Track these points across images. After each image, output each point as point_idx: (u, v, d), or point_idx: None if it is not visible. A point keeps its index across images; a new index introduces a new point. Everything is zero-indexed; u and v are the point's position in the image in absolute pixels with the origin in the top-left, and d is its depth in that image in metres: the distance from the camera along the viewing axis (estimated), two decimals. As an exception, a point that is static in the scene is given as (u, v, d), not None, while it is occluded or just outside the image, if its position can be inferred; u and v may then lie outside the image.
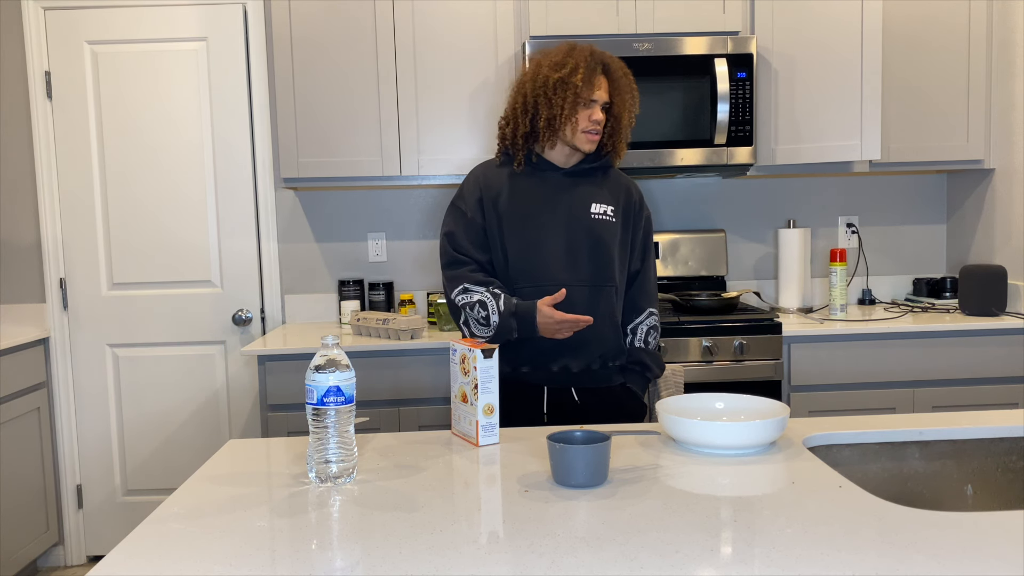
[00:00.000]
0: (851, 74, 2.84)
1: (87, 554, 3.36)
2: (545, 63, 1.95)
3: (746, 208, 3.38)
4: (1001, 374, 2.80)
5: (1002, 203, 3.08)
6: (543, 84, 1.93)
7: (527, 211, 1.95)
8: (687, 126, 2.87)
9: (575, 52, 1.94)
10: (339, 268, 3.33)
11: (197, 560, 1.03)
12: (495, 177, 2.00)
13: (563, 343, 1.92)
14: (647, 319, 2.04)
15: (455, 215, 2.00)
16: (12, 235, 3.27)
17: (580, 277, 1.93)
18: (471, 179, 2.03)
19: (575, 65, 1.91)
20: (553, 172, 2.00)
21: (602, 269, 1.95)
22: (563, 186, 1.98)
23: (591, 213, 1.97)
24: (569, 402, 1.96)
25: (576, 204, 1.98)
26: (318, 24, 2.88)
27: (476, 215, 1.97)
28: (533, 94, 1.94)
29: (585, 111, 1.92)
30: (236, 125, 3.24)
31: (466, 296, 1.93)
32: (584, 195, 1.99)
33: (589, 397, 1.97)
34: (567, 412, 1.96)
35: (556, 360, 1.94)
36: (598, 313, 1.95)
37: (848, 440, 1.51)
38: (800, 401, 2.77)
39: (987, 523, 1.08)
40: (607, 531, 1.08)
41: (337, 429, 1.30)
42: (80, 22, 3.19)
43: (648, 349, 2.04)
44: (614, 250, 1.98)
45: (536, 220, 1.95)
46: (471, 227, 1.97)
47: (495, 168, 2.03)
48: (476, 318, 1.91)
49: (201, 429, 3.32)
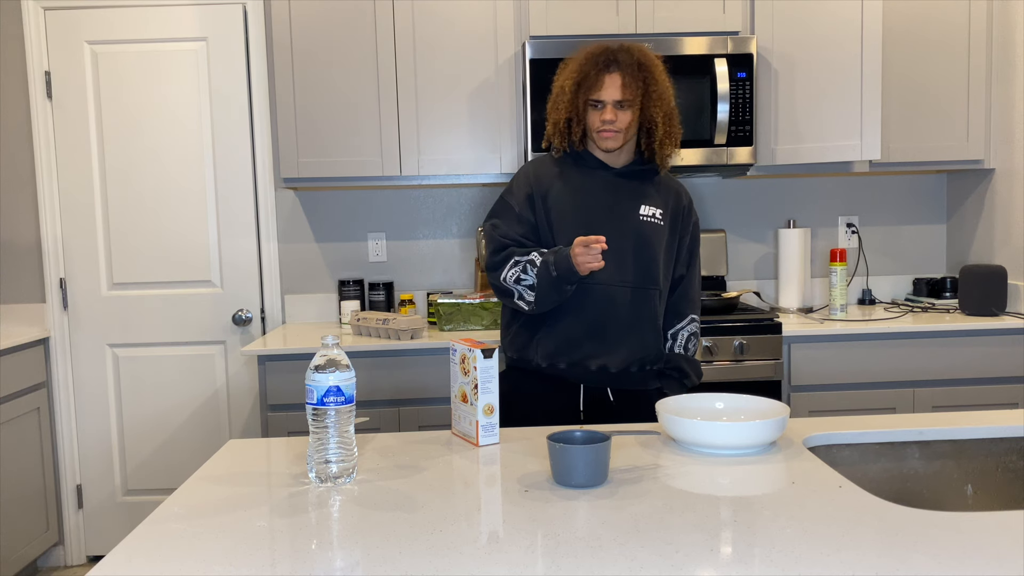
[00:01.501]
0: (851, 74, 2.84)
1: (87, 554, 3.36)
2: (560, 69, 1.99)
3: (746, 208, 3.38)
4: (1001, 374, 2.80)
5: (1002, 203, 3.08)
6: (555, 91, 1.99)
7: (576, 207, 1.94)
8: (687, 126, 2.87)
9: (581, 55, 1.95)
10: (339, 268, 3.33)
11: (197, 560, 1.03)
12: (546, 172, 2.00)
13: (602, 343, 1.91)
14: (688, 325, 2.04)
15: (503, 208, 2.00)
16: (12, 235, 3.27)
17: (624, 278, 1.92)
18: (522, 175, 2.02)
19: (573, 69, 1.93)
20: (604, 171, 1.98)
21: (647, 271, 1.94)
22: (613, 185, 1.97)
23: (639, 215, 1.95)
24: (604, 402, 1.97)
25: (625, 204, 1.96)
26: (318, 24, 2.88)
27: (525, 210, 1.96)
28: (552, 100, 1.99)
29: (596, 113, 1.92)
30: (236, 125, 3.24)
31: (515, 267, 1.90)
32: (633, 196, 1.97)
33: (625, 399, 1.97)
34: (601, 412, 1.96)
35: (595, 358, 1.92)
36: (640, 316, 1.94)
37: (848, 440, 1.51)
38: (800, 401, 2.77)
39: (987, 523, 1.08)
40: (607, 531, 1.08)
41: (337, 429, 1.30)
42: (80, 22, 3.19)
43: (688, 356, 2.03)
44: (660, 253, 1.96)
45: (584, 217, 1.93)
46: (520, 221, 1.97)
47: (547, 163, 2.02)
48: (529, 283, 1.88)
49: (201, 429, 3.32)
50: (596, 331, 1.92)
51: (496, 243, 1.96)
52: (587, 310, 1.91)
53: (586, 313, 1.91)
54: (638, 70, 1.91)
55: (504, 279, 1.92)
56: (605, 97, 1.90)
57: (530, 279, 1.88)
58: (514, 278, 1.90)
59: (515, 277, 1.90)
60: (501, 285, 1.94)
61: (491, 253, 1.97)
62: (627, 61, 1.92)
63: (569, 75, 1.95)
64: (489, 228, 1.99)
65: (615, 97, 1.90)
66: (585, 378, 1.94)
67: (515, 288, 1.91)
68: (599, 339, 1.92)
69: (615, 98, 1.90)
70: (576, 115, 1.94)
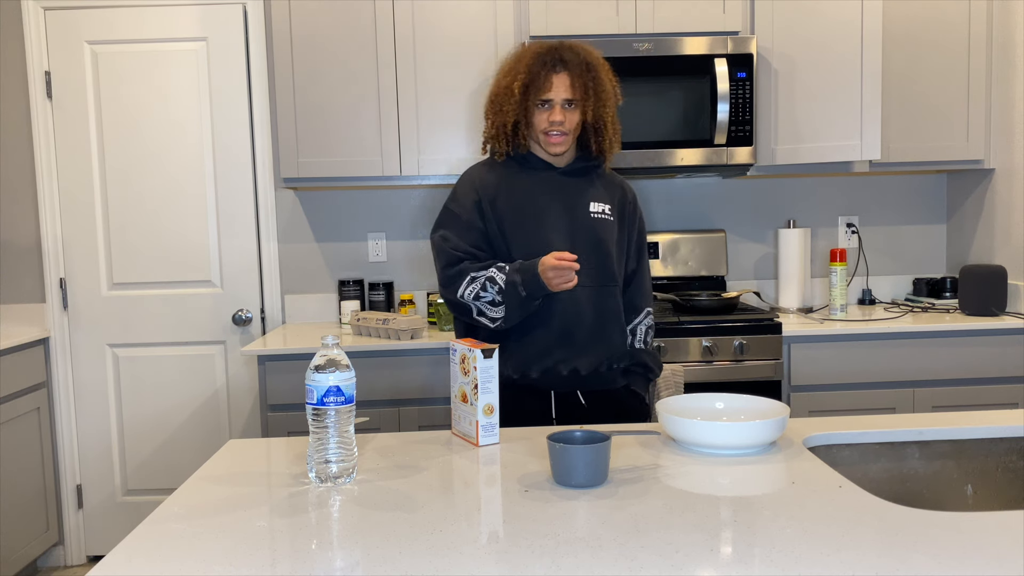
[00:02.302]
0: (851, 74, 2.84)
1: (87, 554, 3.36)
2: (500, 69, 1.95)
3: (746, 208, 3.38)
4: (1001, 374, 2.80)
5: (1002, 203, 3.08)
6: (495, 92, 1.94)
7: (528, 210, 1.91)
8: (687, 126, 2.87)
9: (523, 55, 1.91)
10: (339, 268, 3.33)
11: (197, 560, 1.03)
12: (491, 177, 1.95)
13: (572, 347, 1.89)
14: (645, 319, 2.04)
15: (450, 218, 1.94)
16: (12, 235, 3.27)
17: (584, 278, 1.90)
18: (465, 181, 1.97)
19: (519, 70, 1.89)
20: (549, 171, 1.96)
21: (606, 269, 1.94)
22: (559, 184, 1.95)
23: (590, 212, 1.95)
24: (576, 405, 1.94)
25: (575, 203, 1.95)
26: (318, 24, 2.88)
27: (474, 218, 1.91)
28: (492, 101, 1.95)
29: (543, 114, 1.88)
30: (236, 125, 3.24)
31: (473, 284, 1.85)
32: (581, 194, 1.96)
33: (595, 400, 1.96)
34: (574, 416, 1.94)
35: (566, 363, 1.90)
36: (604, 314, 1.93)
37: (848, 440, 1.51)
38: (800, 401, 2.77)
39: (987, 523, 1.08)
40: (607, 531, 1.08)
41: (337, 429, 1.30)
42: (80, 22, 3.19)
43: (648, 350, 2.04)
44: (613, 249, 1.96)
45: (539, 219, 1.90)
46: (470, 230, 1.91)
47: (489, 168, 1.98)
48: (489, 299, 1.84)
49: (201, 429, 3.32)
50: (565, 337, 1.89)
51: (448, 256, 1.90)
52: (554, 317, 1.88)
53: (554, 320, 1.88)
54: (586, 70, 1.89)
55: (461, 296, 1.87)
56: (554, 97, 1.87)
57: (490, 295, 1.83)
58: (472, 295, 1.85)
59: (473, 294, 1.85)
60: (458, 301, 1.88)
61: (443, 267, 1.91)
62: (574, 60, 1.89)
63: (514, 75, 1.89)
64: (439, 240, 1.93)
65: (564, 96, 1.87)
66: (556, 384, 1.91)
67: (474, 304, 1.86)
68: (568, 344, 1.89)
69: (564, 97, 1.87)
70: (525, 117, 1.90)
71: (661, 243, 3.24)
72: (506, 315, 1.84)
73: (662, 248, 3.24)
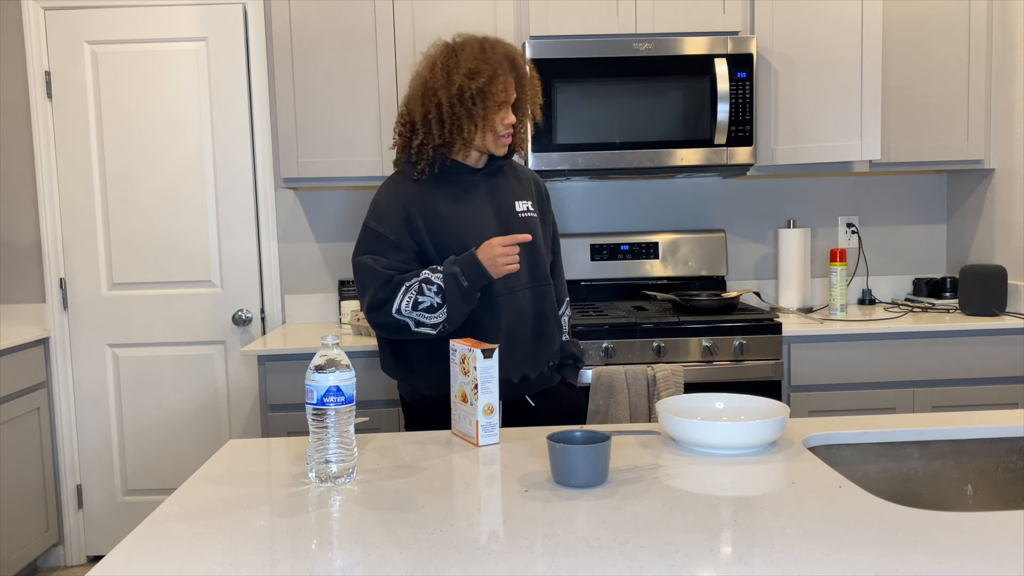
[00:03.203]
0: (851, 74, 2.84)
1: (87, 554, 3.36)
2: (458, 70, 1.79)
3: (746, 208, 3.38)
4: (1001, 374, 2.80)
5: (1002, 203, 3.08)
6: (459, 94, 1.78)
7: (461, 220, 1.82)
8: (687, 126, 2.87)
9: (490, 56, 1.80)
10: (339, 268, 3.33)
11: (197, 560, 1.03)
12: (415, 192, 1.84)
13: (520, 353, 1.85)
14: (567, 310, 2.04)
15: (375, 240, 1.81)
16: (12, 235, 3.27)
17: (522, 281, 1.87)
18: (388, 198, 1.84)
19: (492, 73, 1.78)
20: (469, 175, 1.88)
21: (539, 269, 1.91)
22: (483, 188, 1.88)
23: (518, 213, 1.90)
24: (524, 411, 1.90)
25: (503, 206, 1.89)
26: (318, 24, 2.88)
27: (403, 237, 1.80)
28: (449, 105, 1.79)
29: (498, 115, 1.81)
30: (236, 125, 3.24)
31: (408, 293, 1.74)
32: (506, 195, 1.91)
33: (541, 400, 1.93)
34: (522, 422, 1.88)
35: (515, 371, 1.86)
36: (544, 314, 1.90)
37: (848, 440, 1.51)
38: (800, 401, 2.77)
39: (987, 523, 1.08)
40: (607, 531, 1.08)
41: (337, 429, 1.30)
42: (80, 22, 3.19)
43: (573, 340, 2.03)
44: (542, 247, 1.93)
45: (472, 228, 1.82)
46: (398, 248, 1.80)
47: (407, 181, 1.87)
48: (427, 305, 1.73)
49: (201, 429, 3.32)
50: (512, 344, 1.85)
51: (380, 277, 1.77)
52: (500, 325, 1.83)
53: (500, 328, 1.83)
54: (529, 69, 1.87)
55: (398, 311, 1.75)
56: (509, 99, 1.81)
57: (428, 300, 1.73)
58: (410, 304, 1.74)
59: (411, 303, 1.74)
60: (394, 321, 1.76)
61: (377, 289, 1.76)
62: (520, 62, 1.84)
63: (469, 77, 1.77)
64: (369, 262, 1.78)
65: (514, 98, 1.83)
66: (507, 393, 1.85)
67: (411, 317, 1.75)
68: (516, 351, 1.85)
69: (513, 99, 1.83)
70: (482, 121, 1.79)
71: (661, 243, 3.24)
72: (448, 314, 1.75)
73: (662, 248, 3.24)
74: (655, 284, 3.25)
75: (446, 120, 1.80)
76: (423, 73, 1.85)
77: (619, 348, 2.70)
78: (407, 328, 1.77)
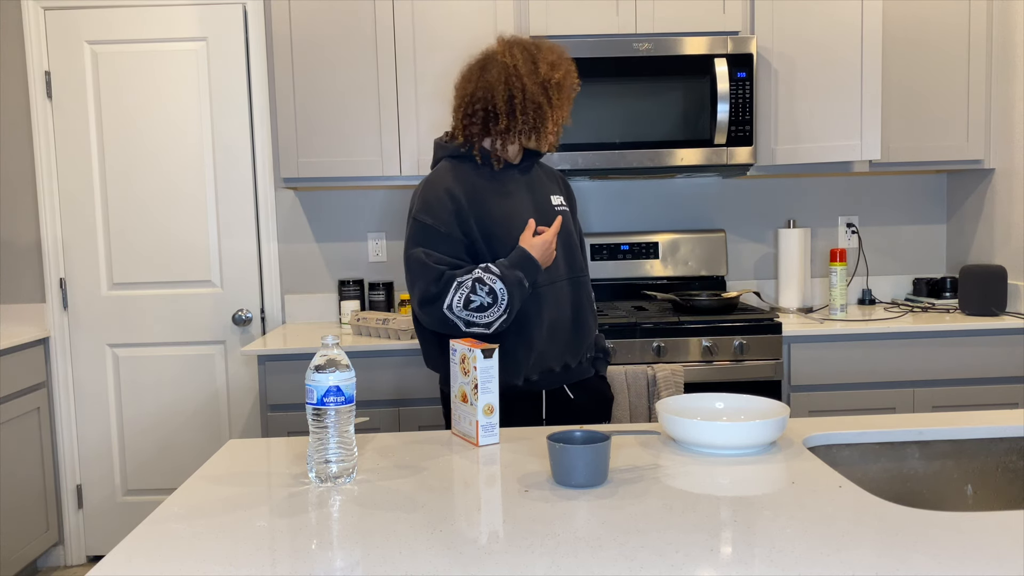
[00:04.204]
0: (851, 74, 2.84)
1: (87, 554, 3.36)
2: (543, 60, 1.85)
3: (746, 208, 3.38)
4: (1001, 374, 2.80)
5: (1002, 203, 3.08)
6: (544, 82, 1.84)
7: (508, 213, 1.86)
8: (687, 126, 2.87)
9: (563, 53, 1.90)
10: (339, 268, 3.33)
11: (197, 560, 1.03)
12: (463, 184, 1.85)
13: (562, 343, 1.90)
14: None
15: (426, 232, 1.81)
16: (12, 235, 3.27)
17: (561, 272, 1.91)
18: (437, 190, 1.83)
19: (568, 68, 1.87)
20: (511, 169, 1.93)
21: (575, 260, 1.96)
22: (524, 183, 1.94)
23: (554, 206, 1.95)
24: (563, 401, 1.94)
25: (541, 199, 1.94)
26: (318, 24, 2.88)
27: (454, 229, 1.81)
28: (532, 92, 1.83)
29: (567, 109, 1.90)
30: (236, 125, 3.24)
31: (459, 290, 1.74)
32: (543, 189, 1.97)
33: (579, 392, 1.96)
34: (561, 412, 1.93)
35: (557, 360, 1.90)
36: (582, 305, 1.94)
37: (848, 440, 1.51)
38: (800, 401, 2.77)
39: (987, 523, 1.08)
40: (607, 531, 1.08)
41: (337, 429, 1.30)
42: (80, 22, 3.19)
43: (599, 334, 2.06)
44: (575, 239, 1.98)
45: (515, 221, 1.86)
46: (450, 241, 1.80)
47: (459, 173, 1.87)
48: (479, 303, 1.74)
49: (201, 429, 3.32)
50: (554, 333, 1.88)
51: (432, 272, 1.76)
52: (543, 316, 1.86)
53: (542, 319, 1.86)
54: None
55: (449, 307, 1.74)
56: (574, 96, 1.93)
57: (479, 299, 1.73)
58: (461, 301, 1.74)
59: (463, 300, 1.74)
60: (444, 316, 1.76)
61: (429, 284, 1.76)
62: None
63: (551, 68, 1.86)
64: (422, 256, 1.78)
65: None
66: (549, 382, 1.90)
67: (462, 317, 1.75)
68: (558, 340, 1.89)
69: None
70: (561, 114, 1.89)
71: (661, 243, 3.24)
72: (510, 312, 1.77)
73: (662, 248, 3.24)
74: (655, 284, 3.25)
75: (528, 107, 1.84)
76: (502, 60, 1.87)
77: (619, 348, 2.70)
78: (456, 328, 1.78)
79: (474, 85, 1.88)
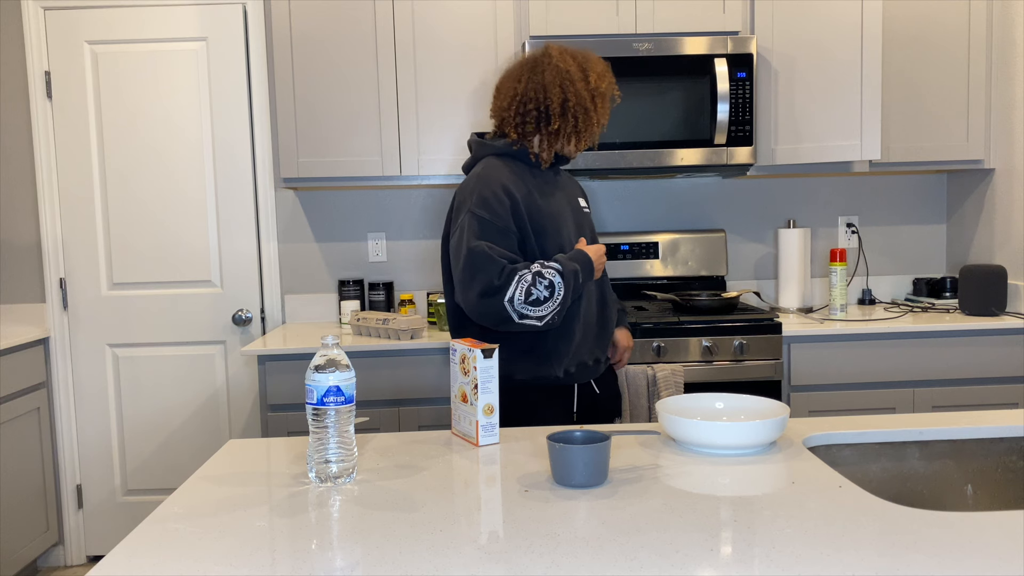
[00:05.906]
0: (851, 74, 2.84)
1: (87, 554, 3.36)
2: (592, 69, 1.94)
3: (746, 208, 3.38)
4: (1001, 374, 2.80)
5: (1002, 203, 3.08)
6: (594, 89, 1.93)
7: (554, 210, 1.94)
8: (687, 126, 2.87)
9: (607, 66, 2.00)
10: (339, 268, 3.33)
11: (197, 560, 1.03)
12: (517, 181, 1.90)
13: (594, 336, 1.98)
14: None
15: (484, 226, 1.83)
16: (12, 235, 3.27)
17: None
18: (494, 186, 1.86)
19: (612, 79, 1.97)
20: (549, 171, 2.02)
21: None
22: (558, 184, 2.03)
23: (582, 208, 2.08)
24: (590, 394, 2.02)
25: (573, 201, 2.05)
26: (318, 24, 2.88)
27: (510, 223, 1.85)
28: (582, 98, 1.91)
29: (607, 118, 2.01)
30: (236, 125, 3.24)
31: (521, 283, 1.77)
32: (572, 191, 2.07)
33: (601, 383, 2.06)
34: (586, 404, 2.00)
35: (589, 354, 1.98)
36: (606, 301, 2.04)
37: (848, 440, 1.51)
38: (800, 401, 2.77)
39: (987, 523, 1.08)
40: (607, 531, 1.08)
41: (337, 429, 1.30)
42: (80, 22, 3.19)
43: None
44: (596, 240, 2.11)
45: (559, 220, 1.94)
46: (506, 235, 1.84)
47: (510, 170, 1.92)
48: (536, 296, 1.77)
49: (201, 429, 3.32)
50: (586, 329, 1.96)
51: (497, 265, 1.79)
52: (578, 312, 1.94)
53: (578, 315, 1.94)
54: None
55: (510, 300, 1.77)
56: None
57: (538, 293, 1.77)
58: (522, 295, 1.77)
59: (524, 293, 1.77)
60: (502, 308, 1.79)
61: (493, 276, 1.79)
62: None
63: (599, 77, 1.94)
64: (486, 249, 1.80)
65: None
66: (583, 375, 1.98)
67: (518, 310, 1.78)
68: (589, 335, 1.97)
69: None
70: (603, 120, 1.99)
71: (661, 243, 3.24)
72: (562, 310, 1.81)
73: (662, 248, 3.24)
74: (655, 284, 3.25)
75: (579, 111, 1.91)
76: (557, 64, 1.92)
77: (619, 348, 2.70)
78: (510, 320, 1.80)
79: (524, 85, 1.93)
